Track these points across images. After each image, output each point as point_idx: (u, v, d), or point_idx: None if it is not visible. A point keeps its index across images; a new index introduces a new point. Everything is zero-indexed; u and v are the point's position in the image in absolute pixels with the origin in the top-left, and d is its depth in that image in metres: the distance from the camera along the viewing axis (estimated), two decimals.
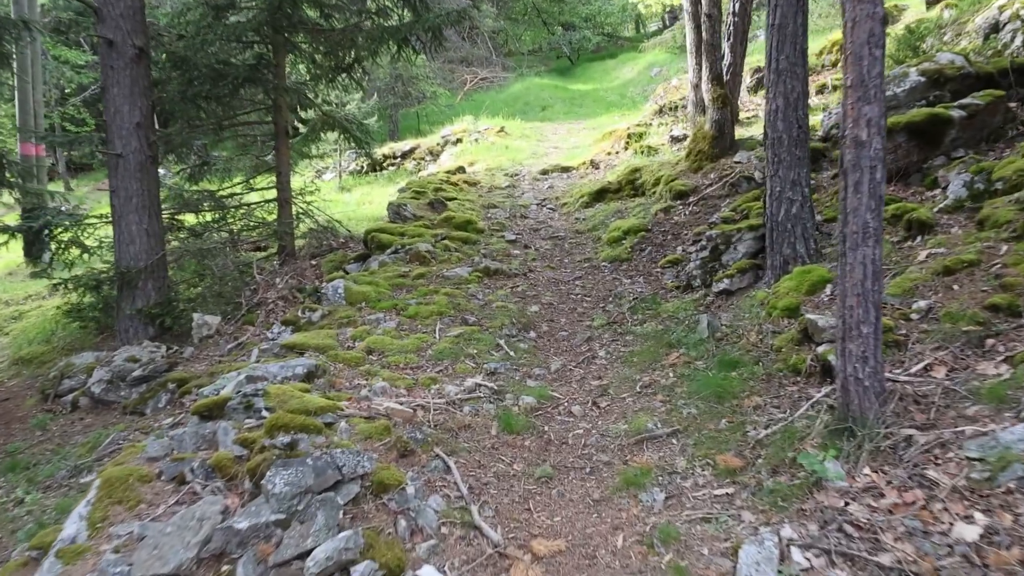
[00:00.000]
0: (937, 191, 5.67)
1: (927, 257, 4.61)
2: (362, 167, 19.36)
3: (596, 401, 4.37)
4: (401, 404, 4.06)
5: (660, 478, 3.40)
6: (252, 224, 10.28)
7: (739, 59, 9.88)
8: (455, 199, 10.10)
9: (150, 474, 3.37)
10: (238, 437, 3.35)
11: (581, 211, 9.88)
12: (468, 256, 7.78)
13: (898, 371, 3.58)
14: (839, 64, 12.65)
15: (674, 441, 3.73)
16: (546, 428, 4.02)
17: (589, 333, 5.62)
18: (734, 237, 6.07)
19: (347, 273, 8.08)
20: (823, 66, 12.79)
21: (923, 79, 6.88)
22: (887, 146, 6.60)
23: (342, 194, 17.91)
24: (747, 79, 12.56)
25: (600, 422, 4.08)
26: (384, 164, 19.10)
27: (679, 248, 7.34)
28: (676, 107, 13.14)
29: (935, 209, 5.26)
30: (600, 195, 10.13)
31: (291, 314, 6.22)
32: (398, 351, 5.17)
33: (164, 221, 9.98)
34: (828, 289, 4.79)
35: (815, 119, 9.26)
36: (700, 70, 9.37)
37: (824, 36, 15.11)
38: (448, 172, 12.25)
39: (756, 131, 10.21)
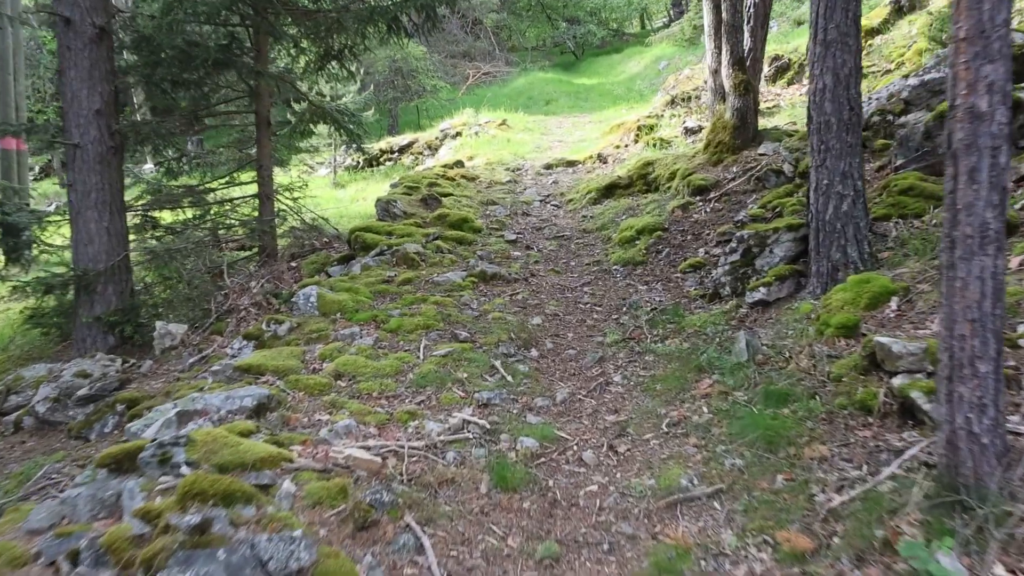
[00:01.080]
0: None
1: (1020, 266, 3.75)
2: (358, 162, 18.54)
3: (613, 444, 3.51)
4: (368, 450, 3.21)
5: (703, 562, 2.55)
6: (230, 223, 9.48)
7: (759, 44, 9.00)
8: (451, 195, 9.25)
9: (25, 555, 2.53)
10: (140, 507, 2.51)
11: (588, 208, 9.03)
12: (462, 258, 6.93)
13: (1015, 419, 2.72)
14: (864, 52, 11.79)
15: (717, 505, 2.87)
16: (551, 483, 3.17)
17: (601, 352, 4.76)
18: (770, 239, 5.22)
19: (329, 276, 7.27)
20: None
21: None
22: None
23: (336, 190, 17.09)
24: (765, 68, 11.70)
25: (619, 474, 3.23)
26: (381, 159, 18.27)
27: (701, 250, 6.48)
28: (689, 97, 12.27)
29: (1017, 206, 4.40)
30: (609, 191, 9.27)
31: (255, 327, 5.38)
32: (373, 375, 4.32)
33: (137, 219, 9.20)
34: (893, 303, 3.92)
35: None
36: (719, 54, 8.50)
37: None
38: (445, 166, 11.41)
39: (779, 121, 9.34)
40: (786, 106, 10.11)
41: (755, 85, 8.39)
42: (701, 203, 7.38)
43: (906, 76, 6.85)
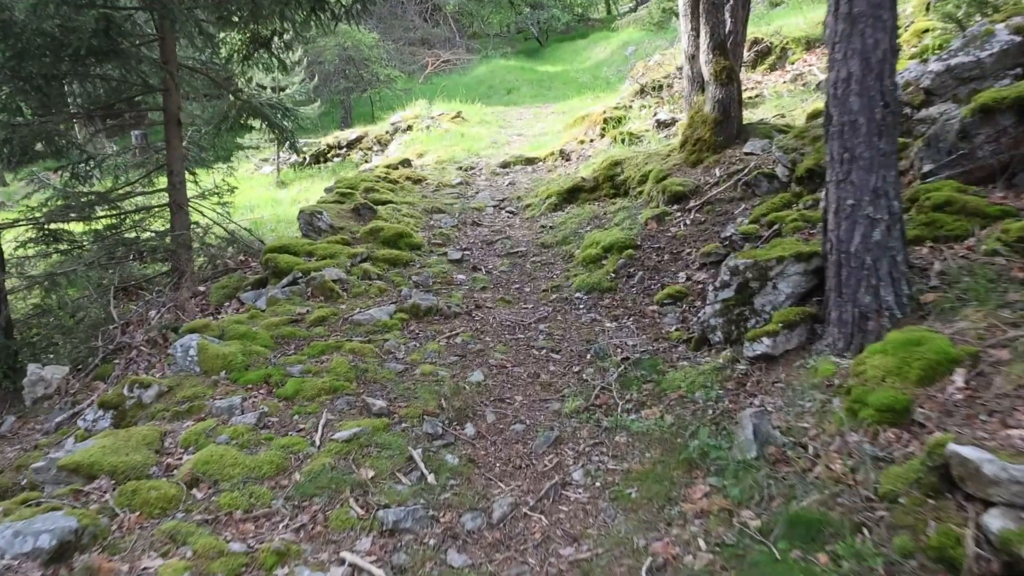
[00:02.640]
0: None
1: None
2: (304, 159, 17.10)
3: None
4: None
5: None
6: (132, 238, 8.13)
7: (740, 25, 7.90)
8: (390, 202, 7.99)
9: None
10: None
11: (548, 215, 7.85)
12: (394, 286, 5.71)
13: None
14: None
15: None
16: None
17: (557, 428, 3.59)
18: (772, 270, 4.09)
19: (242, 303, 6.02)
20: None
21: (1018, 38, 4.97)
22: (988, 132, 4.69)
23: (278, 190, 15.67)
24: (744, 53, 10.62)
25: None
26: (328, 155, 16.88)
27: (681, 275, 5.35)
28: (660, 86, 11.14)
29: None
30: (572, 195, 8.11)
31: (115, 392, 4.10)
32: (243, 478, 3.11)
33: (32, 232, 7.80)
34: (959, 377, 2.82)
35: None
36: (696, 37, 7.37)
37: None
38: (388, 167, 10.11)
39: (764, 113, 8.26)
40: (770, 95, 9.04)
41: (738, 73, 7.28)
42: (679, 213, 6.25)
43: (923, 60, 5.79)
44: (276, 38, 8.91)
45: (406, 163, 10.62)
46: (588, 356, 4.46)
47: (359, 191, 8.30)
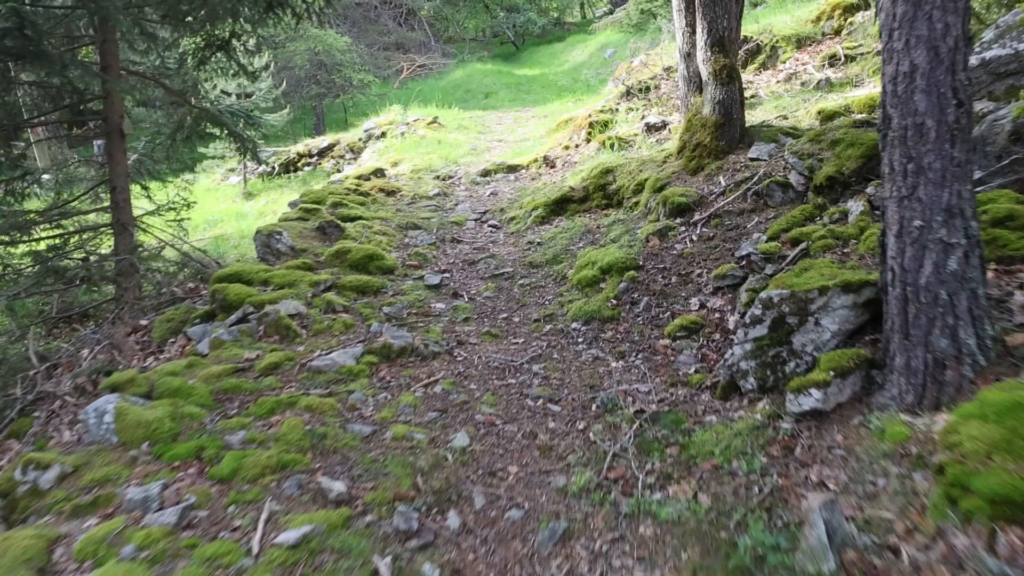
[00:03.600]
0: None
1: None
2: (273, 168, 16.25)
3: None
4: None
5: None
6: (67, 264, 7.30)
7: (735, 21, 7.25)
8: (360, 219, 7.22)
9: None
10: None
11: (535, 230, 7.13)
12: (362, 319, 4.95)
13: None
14: (844, 31, 10.25)
15: None
16: None
17: (565, 517, 2.86)
18: (814, 304, 3.40)
19: (189, 339, 5.23)
20: (823, 34, 10.35)
21: None
22: None
23: (245, 201, 14.81)
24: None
25: None
26: (299, 164, 16.04)
27: (694, 300, 4.66)
28: (647, 88, 10.49)
29: None
30: (560, 206, 7.41)
31: (5, 476, 3.29)
32: None
33: None
34: None
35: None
36: (693, 34, 6.71)
37: None
38: (359, 178, 9.32)
39: (763, 114, 7.62)
40: (767, 96, 8.41)
41: (739, 71, 6.62)
42: (684, 228, 5.56)
43: None
44: (235, 40, 8.13)
45: (379, 173, 9.85)
46: (594, 407, 3.74)
47: (326, 206, 7.52)
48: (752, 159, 6.15)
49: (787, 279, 3.63)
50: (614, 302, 4.91)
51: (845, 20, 10.22)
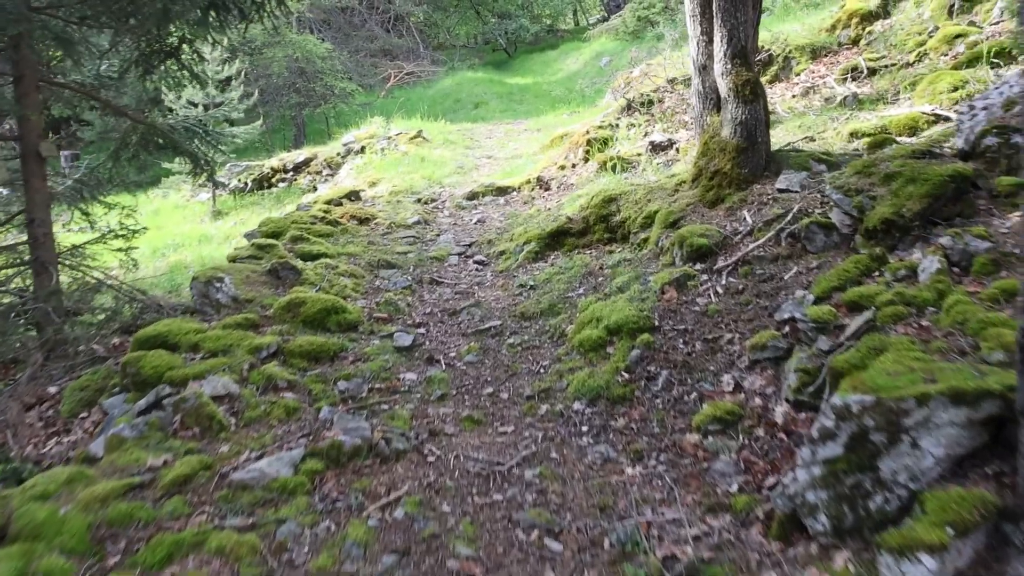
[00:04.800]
0: None
1: None
2: (246, 184, 15.25)
3: None
4: None
5: None
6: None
7: (752, 28, 6.36)
8: (323, 256, 6.24)
9: None
10: None
11: (528, 268, 6.18)
12: (311, 400, 3.96)
13: None
14: (862, 41, 9.37)
15: None
16: None
17: None
18: (910, 417, 2.45)
19: (105, 413, 4.28)
20: (839, 44, 9.47)
21: None
22: None
23: (213, 222, 13.79)
24: None
25: None
26: (273, 180, 15.04)
27: (726, 378, 3.71)
28: (650, 102, 9.58)
29: None
30: (556, 239, 6.47)
31: None
32: None
33: None
34: None
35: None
36: (709, 43, 5.79)
37: (829, 4, 11.88)
38: (329, 202, 8.34)
39: (785, 135, 6.70)
40: (785, 113, 7.51)
41: (763, 87, 5.70)
42: (707, 278, 4.61)
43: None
44: (186, 46, 7.17)
45: (353, 196, 8.87)
46: (607, 544, 2.77)
47: (285, 239, 6.55)
48: (781, 191, 5.22)
49: (868, 378, 2.67)
50: (625, 375, 3.95)
51: (863, 29, 9.36)
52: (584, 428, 3.68)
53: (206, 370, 4.10)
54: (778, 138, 6.52)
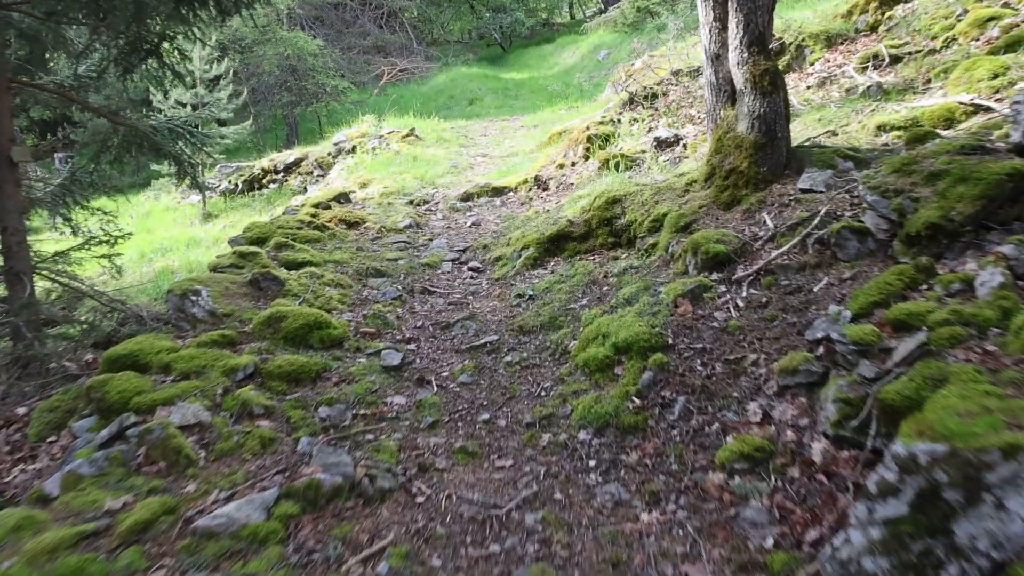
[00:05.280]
0: None
1: None
2: (237, 185, 14.82)
3: None
4: None
5: None
6: None
7: (767, 14, 5.95)
8: (308, 264, 5.83)
9: None
10: None
11: (526, 276, 5.77)
12: (289, 429, 3.55)
13: None
14: (881, 27, 8.96)
15: None
16: None
17: None
18: (992, 472, 2.05)
19: (75, 436, 3.89)
20: (856, 31, 9.07)
21: None
22: None
23: (203, 225, 13.37)
24: None
25: None
26: (264, 181, 14.61)
27: (753, 406, 3.30)
28: (654, 95, 9.16)
29: None
30: (556, 244, 6.06)
31: None
32: None
33: None
34: None
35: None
36: (723, 30, 5.39)
37: None
38: (317, 205, 7.90)
39: (803, 129, 6.28)
40: (801, 105, 7.09)
41: (783, 77, 5.28)
42: (725, 289, 4.20)
43: None
44: (167, 43, 6.77)
45: (343, 198, 8.45)
46: None
47: (269, 246, 6.13)
48: (804, 191, 4.81)
49: (935, 420, 2.26)
50: (637, 401, 3.54)
51: (882, 14, 8.93)
52: (591, 463, 3.27)
53: (176, 395, 3.69)
54: (796, 133, 6.09)
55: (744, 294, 4.08)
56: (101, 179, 8.15)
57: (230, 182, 14.78)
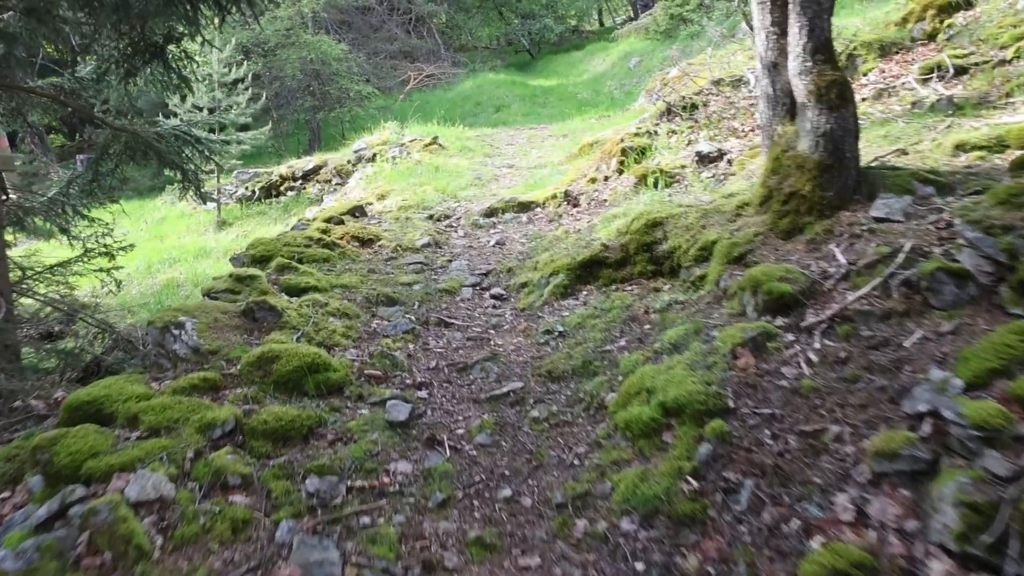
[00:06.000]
0: None
1: None
2: (254, 192, 14.41)
3: None
4: None
5: None
6: None
7: (826, 19, 5.26)
8: (312, 289, 5.26)
9: None
10: None
11: (555, 306, 5.15)
12: (270, 507, 2.96)
13: None
14: (940, 36, 8.22)
15: None
16: None
17: None
18: None
19: (30, 492, 3.31)
20: (912, 40, 8.34)
21: None
22: None
23: (216, 232, 12.94)
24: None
25: None
26: (282, 188, 14.18)
27: (840, 498, 2.63)
28: (693, 105, 8.49)
29: None
30: (589, 271, 5.43)
31: None
32: None
33: None
34: None
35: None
36: (781, 36, 4.73)
37: None
38: (329, 220, 7.34)
39: (866, 148, 5.57)
40: (862, 120, 6.35)
41: (852, 90, 4.60)
42: (794, 338, 3.53)
43: None
44: (171, 45, 6.32)
45: (358, 212, 7.90)
46: None
47: (271, 268, 5.58)
48: (878, 219, 4.12)
49: None
50: (693, 483, 2.89)
51: (940, 22, 8.20)
52: (639, 566, 2.62)
53: (139, 458, 3.12)
54: (861, 151, 5.38)
55: (817, 346, 3.41)
56: (102, 188, 7.72)
57: (247, 188, 14.38)
